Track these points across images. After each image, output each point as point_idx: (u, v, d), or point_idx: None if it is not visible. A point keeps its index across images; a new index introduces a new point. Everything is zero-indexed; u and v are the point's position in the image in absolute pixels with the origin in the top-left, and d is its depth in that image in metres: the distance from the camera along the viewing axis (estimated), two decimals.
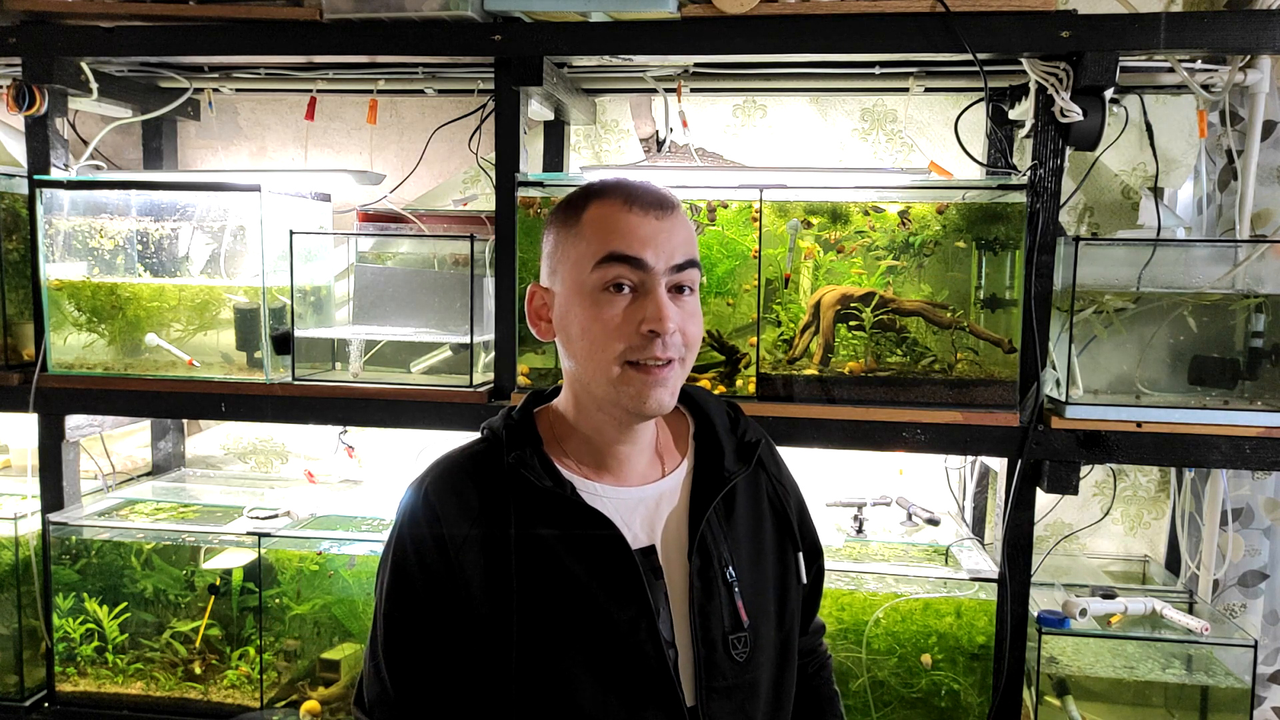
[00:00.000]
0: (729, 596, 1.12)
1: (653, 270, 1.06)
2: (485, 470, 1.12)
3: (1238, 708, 1.94)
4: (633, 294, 1.07)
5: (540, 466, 1.11)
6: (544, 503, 1.09)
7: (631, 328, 1.05)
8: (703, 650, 1.10)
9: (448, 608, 1.09)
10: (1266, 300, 1.92)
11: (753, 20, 1.87)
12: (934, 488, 2.44)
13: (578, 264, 1.08)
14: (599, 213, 1.08)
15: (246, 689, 2.18)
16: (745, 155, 2.44)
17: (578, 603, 1.07)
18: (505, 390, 2.02)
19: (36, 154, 2.14)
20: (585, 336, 1.08)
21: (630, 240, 1.06)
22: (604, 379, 1.07)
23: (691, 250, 1.10)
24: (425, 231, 2.24)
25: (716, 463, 1.17)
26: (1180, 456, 1.84)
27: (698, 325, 1.11)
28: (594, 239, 1.07)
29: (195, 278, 2.25)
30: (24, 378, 2.17)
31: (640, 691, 1.07)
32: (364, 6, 1.91)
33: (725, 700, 1.11)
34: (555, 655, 1.07)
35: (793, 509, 1.25)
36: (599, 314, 1.06)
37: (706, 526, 1.13)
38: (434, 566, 1.09)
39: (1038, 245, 1.87)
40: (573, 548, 1.08)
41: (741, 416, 1.25)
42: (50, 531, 2.19)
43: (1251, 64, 2.02)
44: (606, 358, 1.06)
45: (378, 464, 2.63)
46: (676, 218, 1.09)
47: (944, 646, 1.95)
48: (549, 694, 1.07)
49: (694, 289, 1.11)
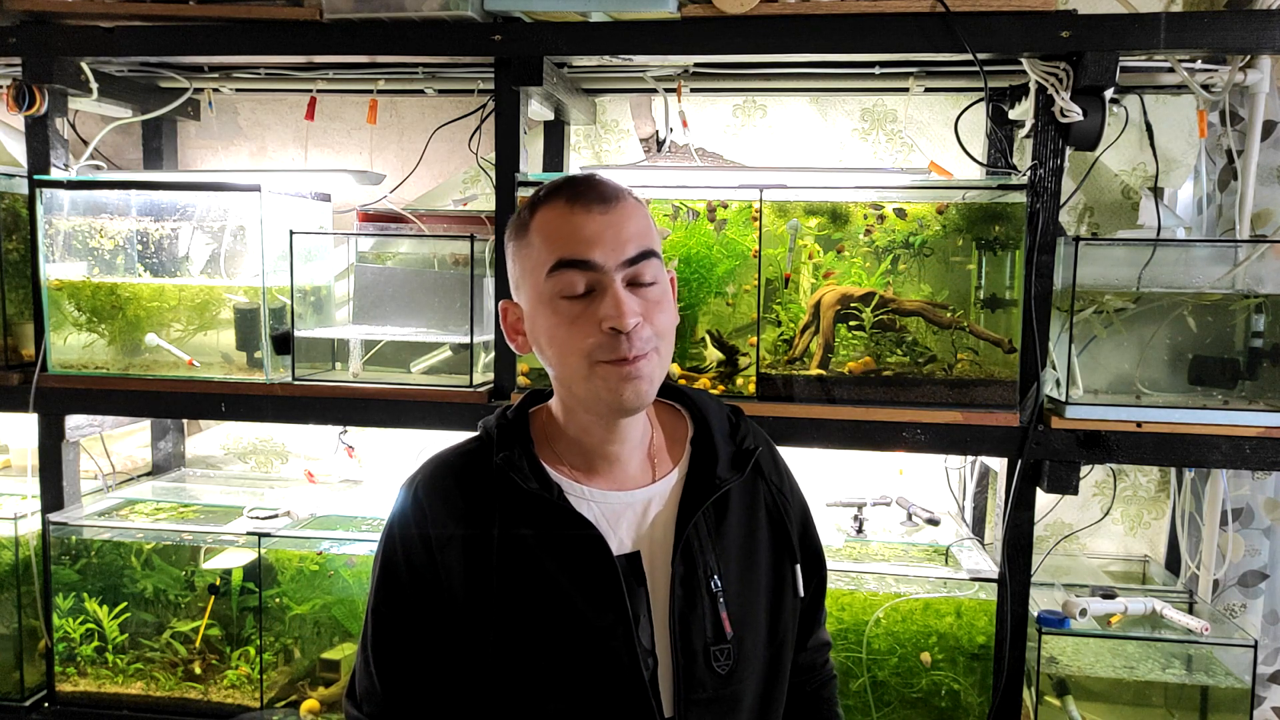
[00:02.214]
0: (712, 606, 1.10)
1: (604, 269, 1.04)
2: (475, 470, 1.13)
3: (1238, 708, 1.94)
4: (590, 295, 1.05)
5: (528, 468, 1.10)
6: (529, 505, 1.09)
7: (594, 328, 1.04)
8: (682, 660, 1.08)
9: (432, 606, 1.10)
10: (1266, 300, 1.92)
11: (753, 20, 1.87)
12: (934, 488, 2.44)
13: (533, 274, 1.08)
14: (543, 219, 1.07)
15: (246, 689, 2.18)
16: (745, 155, 2.44)
17: (556, 608, 1.07)
18: (505, 390, 2.02)
19: (36, 154, 2.14)
20: (553, 344, 1.08)
21: (576, 244, 1.04)
22: (580, 380, 1.07)
23: (646, 240, 1.07)
24: (425, 231, 2.24)
25: (710, 469, 1.15)
26: (1180, 456, 1.84)
27: (667, 314, 1.09)
28: (543, 248, 1.06)
29: (195, 278, 2.25)
30: (24, 378, 2.17)
31: (615, 700, 1.06)
32: (364, 6, 1.91)
33: (704, 712, 1.09)
34: (531, 659, 1.07)
35: (794, 520, 1.22)
36: (560, 321, 1.06)
37: (693, 532, 1.11)
38: (420, 565, 1.10)
39: (1038, 245, 1.87)
40: (555, 551, 1.08)
41: (743, 422, 1.23)
42: (50, 531, 2.19)
43: (1251, 64, 2.02)
44: (576, 361, 1.06)
45: (378, 464, 2.63)
46: (623, 210, 1.07)
47: (944, 646, 1.95)
48: (525, 699, 1.07)
49: (657, 279, 1.08)
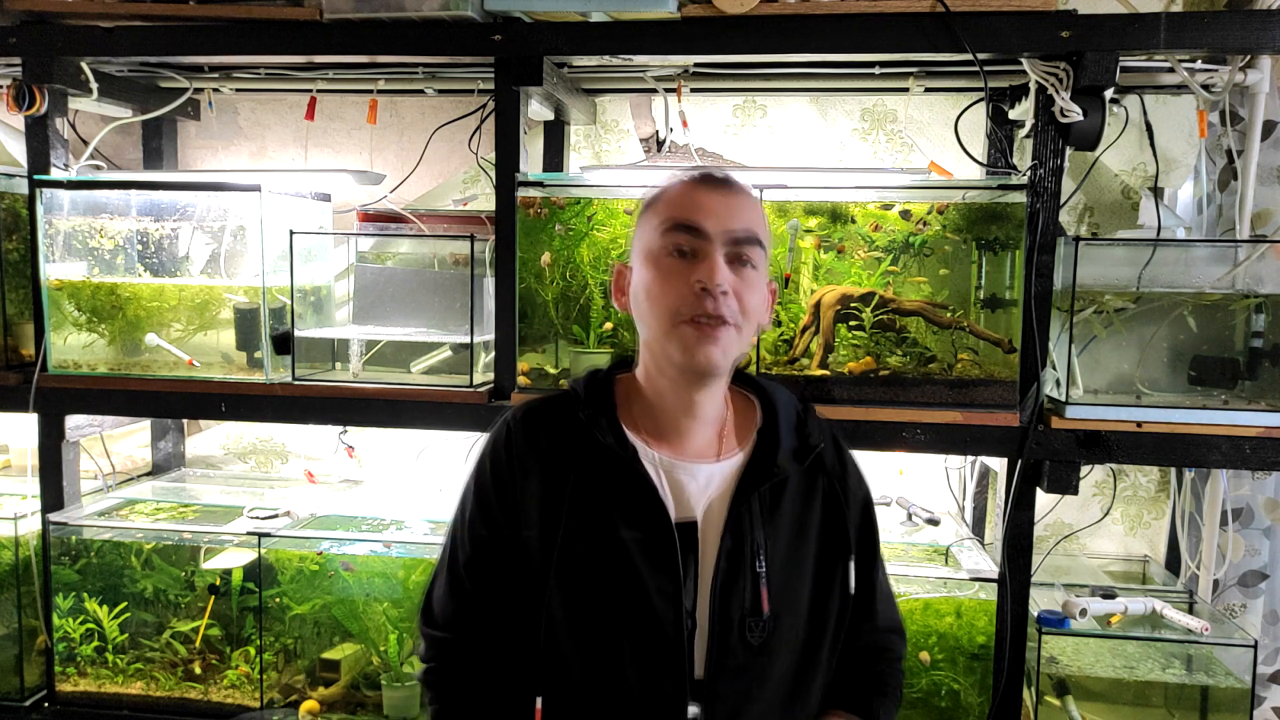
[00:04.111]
0: (754, 582, 1.17)
1: (710, 236, 1.16)
2: (561, 419, 1.23)
3: (1238, 708, 1.94)
4: (693, 258, 1.16)
5: (608, 426, 1.20)
6: (604, 459, 1.19)
7: (687, 286, 1.15)
8: (718, 628, 1.15)
9: (512, 530, 1.20)
10: (1266, 300, 1.92)
11: (753, 20, 1.87)
12: (934, 488, 2.44)
13: (650, 235, 1.20)
14: (673, 191, 1.21)
15: (246, 689, 2.18)
16: (745, 155, 2.44)
17: (615, 556, 1.15)
18: (505, 390, 2.02)
19: (36, 154, 2.14)
20: (648, 297, 1.19)
21: (692, 210, 1.17)
22: (661, 334, 1.17)
23: (755, 228, 1.18)
24: (425, 231, 2.24)
25: (771, 456, 1.23)
26: (1180, 456, 1.84)
27: (758, 297, 1.19)
28: (663, 211, 1.19)
29: (195, 278, 2.25)
30: (24, 378, 2.17)
31: (653, 653, 1.14)
32: (364, 6, 1.91)
33: (734, 680, 1.16)
34: (587, 601, 1.16)
35: (852, 518, 1.28)
36: (660, 275, 1.17)
37: (745, 511, 1.19)
38: (505, 487, 1.21)
39: (1038, 245, 1.87)
40: (621, 506, 1.17)
41: (810, 417, 1.31)
42: (50, 531, 2.19)
43: (1251, 64, 2.02)
44: (664, 313, 1.16)
45: (378, 464, 2.63)
46: (742, 197, 1.20)
47: (944, 646, 1.95)
48: (575, 634, 1.16)
49: (756, 265, 1.19)
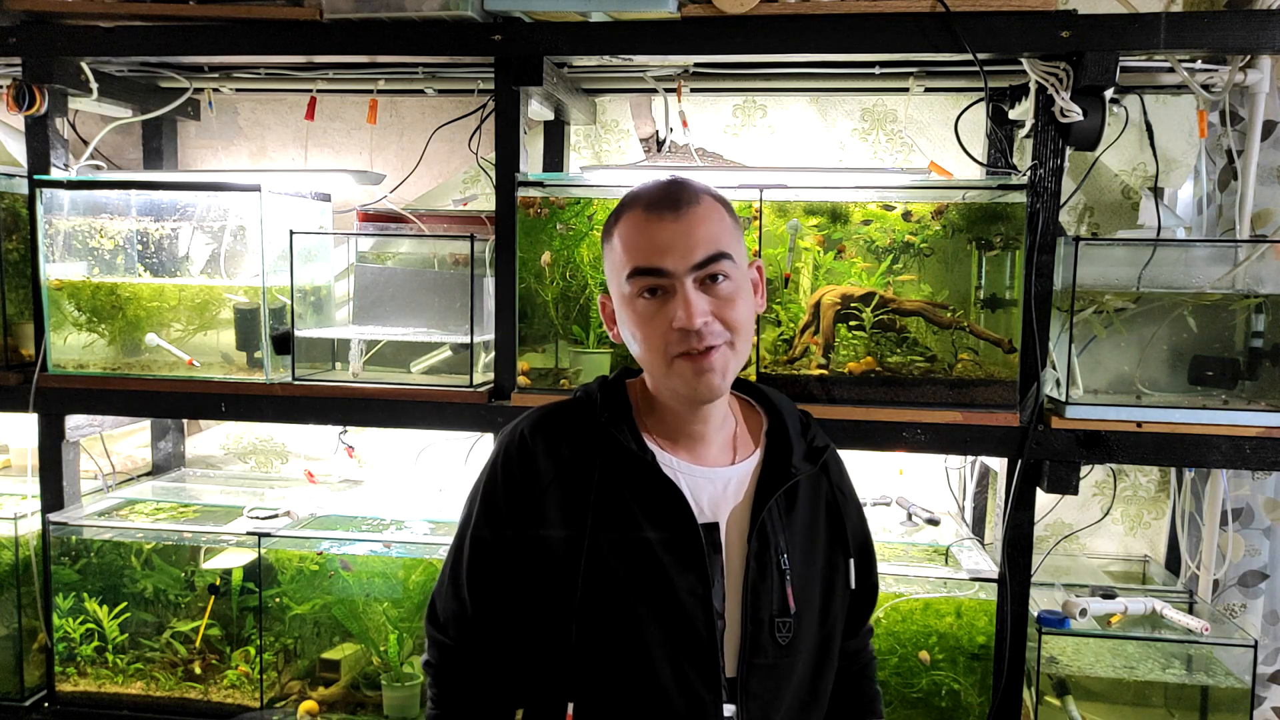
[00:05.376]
0: (780, 582, 1.20)
1: (674, 274, 1.15)
2: (578, 422, 1.24)
3: (1238, 708, 1.94)
4: (665, 294, 1.16)
5: (627, 430, 1.22)
6: (626, 461, 1.20)
7: (667, 324, 1.15)
8: (750, 627, 1.18)
9: (527, 538, 1.21)
10: (1266, 300, 1.92)
11: (753, 20, 1.87)
12: (934, 488, 2.44)
13: (617, 276, 1.21)
14: (624, 227, 1.19)
15: (246, 689, 2.18)
16: (745, 155, 2.44)
17: (643, 558, 1.17)
18: (505, 390, 2.02)
19: (36, 154, 2.14)
20: (636, 339, 1.20)
21: (649, 253, 1.16)
22: (660, 373, 1.20)
23: (716, 244, 1.16)
24: (425, 231, 2.24)
25: (785, 459, 1.25)
26: (1180, 456, 1.84)
27: (738, 308, 1.18)
28: (623, 254, 1.18)
29: (195, 278, 2.25)
30: (24, 378, 2.17)
31: (687, 653, 1.16)
32: (364, 6, 1.91)
33: (764, 678, 1.18)
34: (616, 602, 1.17)
35: (850, 518, 1.33)
36: (640, 318, 1.18)
37: (768, 514, 1.21)
38: (521, 498, 1.21)
39: (1038, 245, 1.87)
40: (646, 508, 1.18)
41: (812, 423, 1.34)
42: (50, 531, 2.19)
43: (1251, 64, 2.02)
44: (656, 355, 1.18)
45: (378, 464, 2.63)
46: (694, 216, 1.16)
47: (944, 646, 1.95)
48: (606, 636, 1.17)
49: (730, 275, 1.17)
